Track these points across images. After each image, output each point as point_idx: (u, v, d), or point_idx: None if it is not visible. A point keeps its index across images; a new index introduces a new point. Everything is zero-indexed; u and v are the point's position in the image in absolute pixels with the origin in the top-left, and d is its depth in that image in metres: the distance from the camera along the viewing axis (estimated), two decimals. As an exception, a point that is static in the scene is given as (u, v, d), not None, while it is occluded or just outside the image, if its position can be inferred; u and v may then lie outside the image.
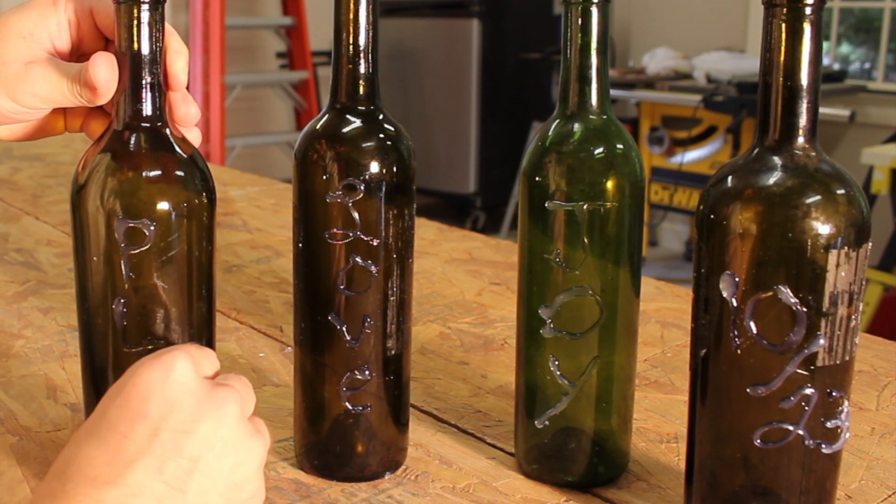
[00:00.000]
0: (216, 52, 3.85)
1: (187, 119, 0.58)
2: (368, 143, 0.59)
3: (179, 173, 0.55)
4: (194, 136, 0.59)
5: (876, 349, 0.85)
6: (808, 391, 0.49)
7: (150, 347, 0.55)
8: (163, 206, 0.54)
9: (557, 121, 0.59)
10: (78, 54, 0.60)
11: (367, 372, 0.61)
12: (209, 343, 0.58)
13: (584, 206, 0.58)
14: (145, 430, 0.44)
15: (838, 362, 0.49)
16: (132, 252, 0.54)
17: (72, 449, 0.44)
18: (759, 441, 0.50)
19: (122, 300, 0.54)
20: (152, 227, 0.53)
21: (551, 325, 0.59)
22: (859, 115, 3.43)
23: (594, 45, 0.58)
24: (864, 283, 0.49)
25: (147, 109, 0.54)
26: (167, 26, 0.56)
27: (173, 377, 0.45)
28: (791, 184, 0.48)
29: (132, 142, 0.54)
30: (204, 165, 0.56)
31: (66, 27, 0.59)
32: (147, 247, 0.54)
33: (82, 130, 0.62)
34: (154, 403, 0.44)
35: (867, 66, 3.97)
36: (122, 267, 0.54)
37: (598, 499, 0.61)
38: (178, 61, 0.57)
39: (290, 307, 0.92)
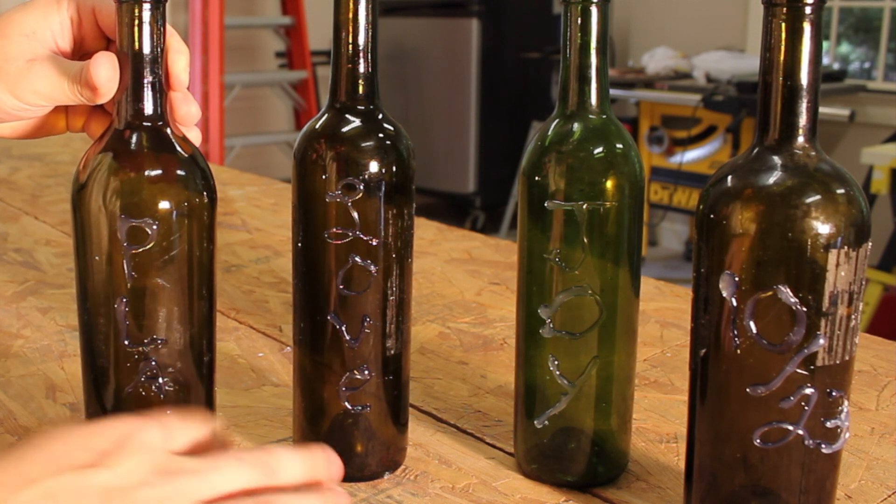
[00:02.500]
0: (215, 52, 3.85)
1: (188, 118, 0.58)
2: (368, 143, 0.59)
3: (181, 173, 0.55)
4: (194, 136, 0.59)
5: (876, 349, 0.84)
6: (808, 391, 0.49)
7: (151, 347, 0.55)
8: (164, 205, 0.54)
9: (557, 120, 0.59)
10: (80, 53, 0.60)
11: (366, 372, 0.61)
12: (209, 342, 0.58)
13: (584, 206, 0.58)
14: (82, 457, 0.42)
15: (838, 362, 0.49)
16: (134, 251, 0.54)
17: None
18: (758, 441, 0.50)
19: (124, 300, 0.54)
20: (154, 227, 0.53)
21: (551, 325, 0.59)
22: (859, 115, 3.43)
23: (594, 44, 0.58)
24: (864, 282, 0.49)
25: (148, 109, 0.55)
26: (167, 26, 0.56)
27: (139, 436, 0.43)
28: (791, 183, 0.48)
29: (133, 141, 0.54)
30: (205, 165, 0.56)
31: (68, 26, 0.59)
32: (149, 246, 0.54)
33: (84, 130, 0.62)
34: (103, 444, 0.42)
35: (867, 65, 3.97)
36: (125, 266, 0.54)
37: (598, 499, 0.61)
38: (180, 61, 0.57)
39: (289, 307, 0.92)
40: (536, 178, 0.59)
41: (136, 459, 0.42)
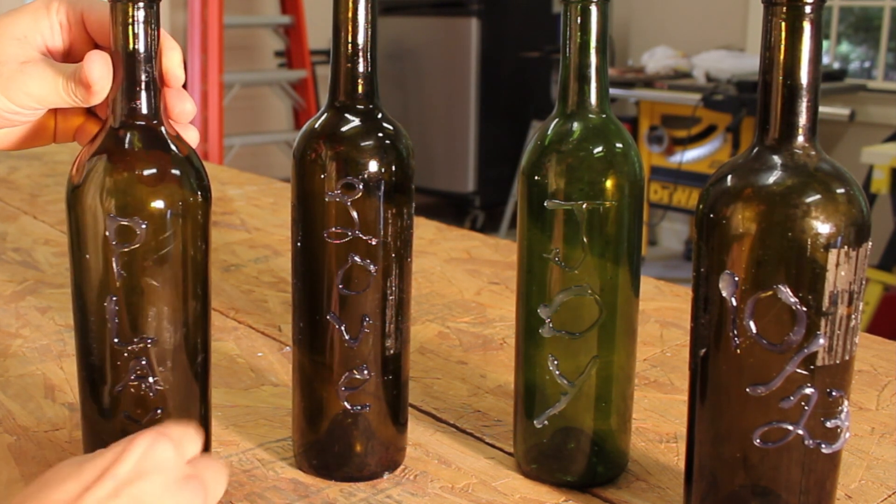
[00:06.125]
0: (214, 51, 3.84)
1: (183, 116, 0.58)
2: (367, 142, 0.59)
3: (175, 172, 0.55)
4: (192, 136, 0.58)
5: (876, 349, 0.84)
6: (808, 391, 0.49)
7: (141, 346, 0.55)
8: (158, 204, 0.54)
9: (557, 120, 0.59)
10: (69, 58, 0.60)
11: (365, 371, 0.61)
12: (204, 342, 0.58)
13: (584, 206, 0.57)
14: (108, 486, 0.45)
15: (838, 362, 0.49)
16: (126, 250, 0.54)
17: (42, 481, 0.46)
18: (758, 441, 0.50)
19: (115, 298, 0.54)
20: (146, 226, 0.53)
21: (550, 325, 0.59)
22: (859, 114, 3.43)
23: (593, 43, 0.58)
24: (864, 282, 0.49)
25: (142, 108, 0.55)
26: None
27: (153, 453, 0.47)
28: (791, 183, 0.48)
29: (127, 140, 0.54)
30: (199, 164, 0.56)
31: (58, 30, 0.59)
32: (141, 245, 0.54)
33: (74, 139, 0.62)
34: (125, 466, 0.46)
35: (867, 64, 3.97)
36: (115, 265, 0.54)
37: (598, 499, 0.61)
38: (174, 57, 0.57)
39: (288, 306, 0.92)
40: (536, 177, 0.59)
41: (153, 478, 0.46)
